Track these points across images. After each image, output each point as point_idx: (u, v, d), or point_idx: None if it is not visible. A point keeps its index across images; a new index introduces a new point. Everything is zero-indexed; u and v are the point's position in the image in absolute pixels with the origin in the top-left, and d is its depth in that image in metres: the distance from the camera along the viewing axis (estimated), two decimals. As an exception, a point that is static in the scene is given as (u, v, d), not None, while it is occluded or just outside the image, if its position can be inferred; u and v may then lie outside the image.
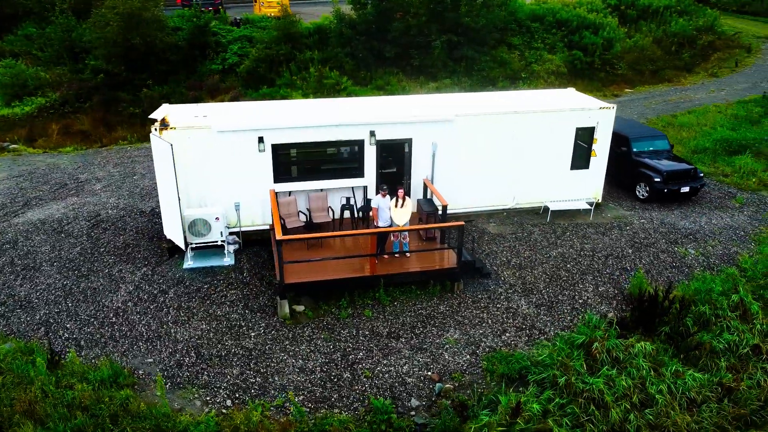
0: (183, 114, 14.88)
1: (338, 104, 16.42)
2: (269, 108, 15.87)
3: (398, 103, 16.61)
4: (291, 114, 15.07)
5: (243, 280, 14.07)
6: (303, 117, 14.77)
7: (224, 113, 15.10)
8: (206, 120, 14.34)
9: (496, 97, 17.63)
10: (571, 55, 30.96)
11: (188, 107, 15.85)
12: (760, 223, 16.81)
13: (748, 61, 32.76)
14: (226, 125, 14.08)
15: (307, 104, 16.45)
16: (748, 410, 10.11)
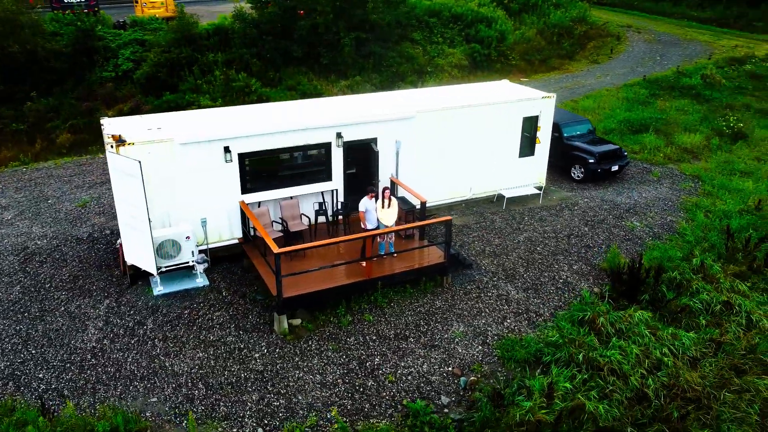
0: (131, 128, 13.57)
1: (295, 108, 15.85)
2: (225, 115, 14.94)
3: (353, 104, 16.36)
4: (254, 121, 14.33)
5: (224, 300, 13.21)
6: (268, 123, 14.11)
7: (179, 124, 13.99)
8: (164, 132, 13.22)
9: (439, 93, 17.96)
10: (470, 48, 32.30)
11: (130, 120, 14.48)
12: (681, 192, 18.78)
13: (620, 48, 36.20)
14: (189, 137, 13.08)
15: (262, 110, 15.69)
16: (736, 358, 11.34)
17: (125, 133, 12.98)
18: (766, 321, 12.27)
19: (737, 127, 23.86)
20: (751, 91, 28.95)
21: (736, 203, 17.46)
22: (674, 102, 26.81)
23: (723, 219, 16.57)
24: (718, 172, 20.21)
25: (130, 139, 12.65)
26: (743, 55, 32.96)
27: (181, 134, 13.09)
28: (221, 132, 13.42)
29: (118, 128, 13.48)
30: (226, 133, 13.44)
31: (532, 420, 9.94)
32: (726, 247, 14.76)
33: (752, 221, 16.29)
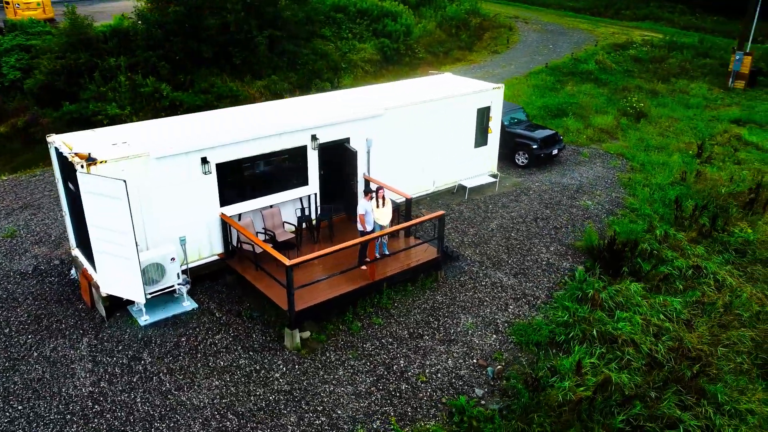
0: (89, 144, 12.18)
1: (255, 112, 15.02)
2: (185, 124, 13.83)
3: (315, 105, 15.83)
4: (225, 128, 13.42)
5: (220, 321, 12.33)
6: (245, 129, 13.29)
7: (143, 137, 12.77)
8: (137, 147, 12.02)
9: (387, 90, 17.75)
10: (379, 42, 32.49)
11: (82, 135, 12.95)
12: (614, 170, 20.30)
13: (515, 39, 38.22)
14: (165, 150, 12.00)
15: (219, 116, 14.69)
16: (719, 316, 12.57)
17: (89, 150, 11.62)
18: (731, 279, 13.69)
19: (639, 107, 26.20)
20: (638, 74, 31.90)
21: (666, 176, 19.21)
22: (579, 87, 28.83)
23: (658, 191, 18.17)
24: (637, 149, 22.09)
25: (101, 156, 11.36)
26: (624, 41, 36.18)
27: (156, 148, 11.98)
28: (198, 142, 12.45)
29: (74, 145, 12.04)
30: (204, 143, 12.49)
31: (573, 398, 10.37)
32: (675, 216, 16.22)
33: (684, 191, 18.02)
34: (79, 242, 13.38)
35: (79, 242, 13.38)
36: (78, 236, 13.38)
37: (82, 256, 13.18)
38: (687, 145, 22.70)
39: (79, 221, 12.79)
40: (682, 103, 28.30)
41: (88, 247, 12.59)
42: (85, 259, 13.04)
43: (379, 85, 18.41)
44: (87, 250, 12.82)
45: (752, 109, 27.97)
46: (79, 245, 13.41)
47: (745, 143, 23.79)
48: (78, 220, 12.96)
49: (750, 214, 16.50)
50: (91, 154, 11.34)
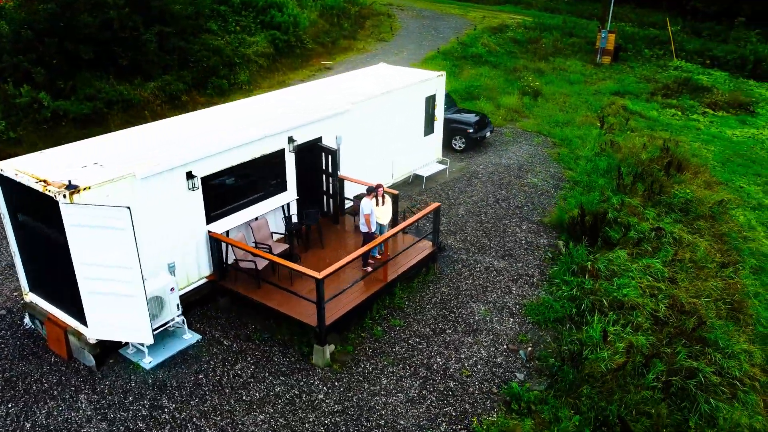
0: (55, 168, 10.36)
1: (213, 117, 13.71)
2: (143, 137, 12.24)
3: (267, 107, 14.80)
4: (201, 136, 12.11)
5: (232, 349, 11.24)
6: (226, 137, 12.08)
7: (111, 154, 11.12)
8: (117, 167, 10.42)
9: (330, 86, 17.04)
10: (270, 35, 31.17)
11: (37, 158, 10.93)
12: (540, 146, 21.50)
13: (397, 26, 38.69)
14: (152, 168, 10.55)
15: (176, 125, 13.19)
16: (691, 271, 13.93)
17: (66, 177, 9.88)
18: (687, 236, 15.21)
19: (534, 86, 27.93)
20: (520, 54, 33.94)
21: (589, 148, 20.74)
22: (476, 70, 30.01)
23: (588, 163, 19.60)
24: (549, 126, 23.58)
25: (83, 183, 9.70)
26: (498, 24, 38.22)
27: (141, 167, 10.48)
28: (183, 156, 11.10)
29: (30, 170, 10.16)
30: (188, 155, 11.16)
31: (613, 366, 10.94)
32: (617, 184, 17.60)
33: (611, 161, 19.60)
34: (37, 285, 11.40)
35: (37, 285, 11.40)
36: (34, 278, 11.39)
37: (45, 301, 11.25)
38: (587, 118, 24.69)
39: (37, 260, 10.94)
40: (564, 79, 30.63)
41: (56, 290, 10.85)
42: (50, 304, 11.15)
43: (316, 82, 17.55)
44: (54, 293, 11.02)
45: (623, 81, 31.08)
46: (37, 288, 11.42)
47: (631, 113, 26.41)
48: (35, 259, 11.06)
49: (675, 175, 18.41)
50: (71, 181, 9.63)
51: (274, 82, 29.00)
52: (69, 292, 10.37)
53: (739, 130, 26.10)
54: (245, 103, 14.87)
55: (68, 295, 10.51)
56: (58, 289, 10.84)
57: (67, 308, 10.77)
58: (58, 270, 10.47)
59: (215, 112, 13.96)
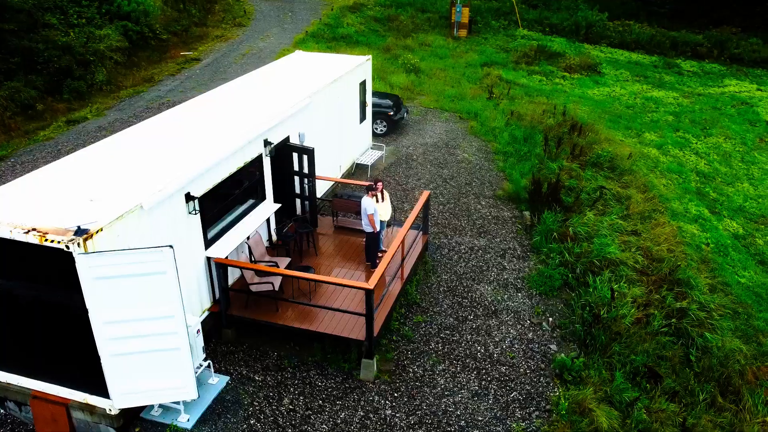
0: (41, 213, 8.26)
1: (168, 126, 11.88)
2: (105, 158, 10.24)
3: (229, 108, 13.21)
4: (184, 150, 10.42)
5: (267, 383, 10.07)
6: (213, 148, 10.53)
7: (89, 185, 9.14)
8: (126, 201, 8.59)
9: (260, 81, 15.58)
10: (121, 26, 27.66)
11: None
12: (452, 122, 21.98)
13: (250, 9, 36.56)
14: (156, 196, 8.88)
15: (133, 139, 11.20)
16: (647, 222, 15.37)
17: (71, 223, 7.93)
18: (623, 191, 16.70)
19: (414, 63, 28.39)
20: (383, 32, 34.15)
21: (500, 120, 21.68)
22: (354, 51, 29.60)
23: (503, 133, 20.53)
24: (446, 101, 24.19)
25: (91, 226, 7.85)
26: (353, 2, 37.92)
27: (146, 196, 8.75)
28: (181, 176, 9.49)
29: (7, 220, 8.02)
30: (186, 175, 9.57)
31: (632, 319, 11.76)
32: (545, 150, 18.69)
33: (526, 130, 20.70)
34: (12, 361, 9.12)
35: (12, 361, 9.12)
36: (7, 353, 9.08)
37: (27, 377, 9.05)
38: (474, 90, 25.77)
39: (14, 331, 8.79)
40: (433, 54, 31.54)
41: (51, 361, 8.86)
42: (37, 381, 9.00)
43: (242, 78, 15.85)
44: (46, 366, 8.97)
45: (485, 53, 32.85)
46: (11, 365, 9.14)
47: (506, 82, 28.08)
48: (10, 330, 8.85)
49: (582, 136, 20.02)
50: (80, 227, 7.74)
51: (138, 79, 25.97)
52: (75, 360, 8.47)
53: (597, 90, 29.13)
54: (190, 109, 13.07)
55: (74, 364, 8.57)
56: (53, 360, 8.76)
57: (71, 380, 8.76)
58: (55, 337, 8.45)
59: (165, 121, 12.09)
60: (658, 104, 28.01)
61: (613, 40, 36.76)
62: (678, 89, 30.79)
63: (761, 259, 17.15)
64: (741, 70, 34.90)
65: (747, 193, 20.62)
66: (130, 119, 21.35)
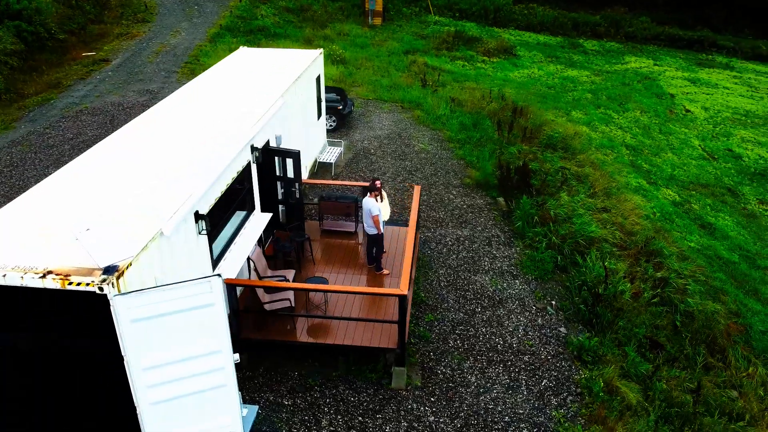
0: (41, 250, 7.11)
1: (143, 136, 10.70)
2: (91, 176, 9.04)
3: (203, 113, 12.10)
4: (180, 163, 9.41)
5: (299, 406, 9.47)
6: (212, 161, 9.59)
7: (81, 214, 8.01)
8: (145, 227, 7.57)
9: (219, 84, 14.52)
10: (14, 27, 24.74)
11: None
12: (397, 111, 21.75)
13: (151, 3, 33.96)
14: (174, 219, 7.94)
15: (114, 151, 9.94)
16: (611, 197, 16.05)
17: (88, 258, 6.87)
18: (579, 170, 17.31)
19: (339, 54, 27.83)
20: (299, 23, 33.15)
21: (443, 108, 21.73)
22: (277, 44, 28.48)
23: (452, 121, 20.63)
24: (383, 91, 23.93)
25: (113, 260, 6.86)
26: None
27: (165, 222, 7.80)
28: (191, 193, 8.56)
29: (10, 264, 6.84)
30: (194, 193, 8.65)
31: (630, 294, 12.24)
32: (498, 134, 18.97)
33: (473, 117, 20.89)
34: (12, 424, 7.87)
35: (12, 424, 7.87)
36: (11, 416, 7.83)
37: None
38: (406, 79, 25.71)
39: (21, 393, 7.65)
40: (354, 44, 31.07)
41: (68, 419, 7.79)
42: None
43: (199, 81, 14.51)
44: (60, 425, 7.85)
45: (403, 40, 32.84)
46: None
47: (433, 68, 28.25)
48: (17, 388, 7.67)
49: (526, 120, 20.56)
50: (109, 266, 6.73)
51: (43, 85, 23.43)
52: (99, 416, 7.44)
53: (517, 72, 30.08)
54: (162, 117, 11.81)
55: (97, 422, 7.52)
56: (70, 420, 7.65)
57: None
58: (73, 392, 7.38)
59: (142, 131, 10.86)
60: (576, 83, 29.40)
61: (520, 23, 38.09)
62: (588, 68, 32.50)
63: (701, 223, 18.52)
64: (636, 47, 37.47)
65: (673, 162, 22.18)
66: (47, 131, 19.23)
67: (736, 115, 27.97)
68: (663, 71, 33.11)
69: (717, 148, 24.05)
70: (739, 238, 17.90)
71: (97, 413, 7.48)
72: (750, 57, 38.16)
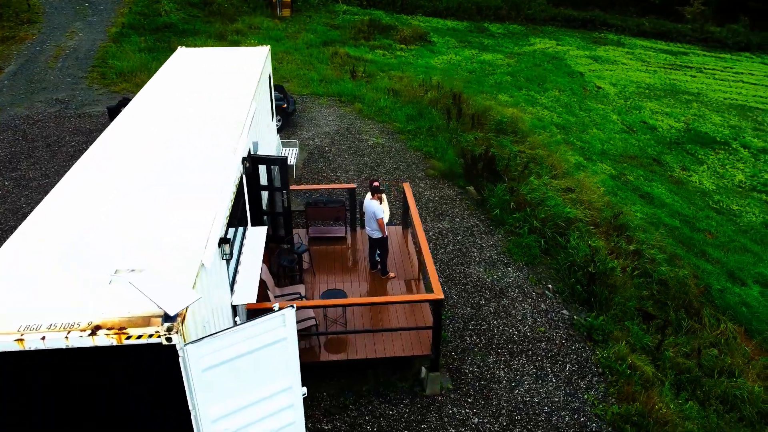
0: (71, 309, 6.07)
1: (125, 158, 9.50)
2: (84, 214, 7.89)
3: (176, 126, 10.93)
4: (193, 184, 8.44)
5: (339, 429, 8.95)
6: (216, 177, 8.71)
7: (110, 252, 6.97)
8: (186, 260, 6.68)
9: (171, 92, 13.27)
10: None
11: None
12: (335, 107, 21.16)
13: (33, 2, 30.55)
14: (209, 251, 7.11)
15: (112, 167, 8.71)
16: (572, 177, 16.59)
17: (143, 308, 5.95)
18: (532, 152, 17.76)
19: (259, 49, 26.62)
20: (205, 18, 31.31)
21: (384, 100, 21.40)
22: (190, 41, 26.71)
23: (395, 112, 20.41)
24: (317, 86, 23.22)
25: (182, 305, 6.01)
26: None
27: (203, 252, 6.95)
28: (215, 219, 7.72)
29: (45, 323, 5.80)
30: (217, 215, 7.82)
31: (620, 268, 12.73)
32: (447, 123, 18.98)
33: (416, 106, 20.76)
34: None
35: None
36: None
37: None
38: (334, 72, 25.13)
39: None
40: (268, 37, 29.88)
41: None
42: None
43: (151, 90, 13.31)
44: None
45: (317, 32, 32.05)
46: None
47: (355, 59, 27.83)
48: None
49: (468, 107, 20.76)
50: (170, 322, 5.86)
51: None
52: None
53: (437, 59, 30.35)
54: (139, 133, 10.58)
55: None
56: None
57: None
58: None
59: (125, 151, 9.63)
60: (493, 67, 30.17)
61: (426, 9, 38.43)
62: (499, 51, 33.46)
63: (640, 194, 19.70)
64: (537, 28, 39.11)
65: (600, 137, 23.39)
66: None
67: (640, 89, 30.04)
68: (566, 51, 34.82)
69: (633, 121, 25.68)
70: (675, 205, 19.23)
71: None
72: (636, 33, 41.11)
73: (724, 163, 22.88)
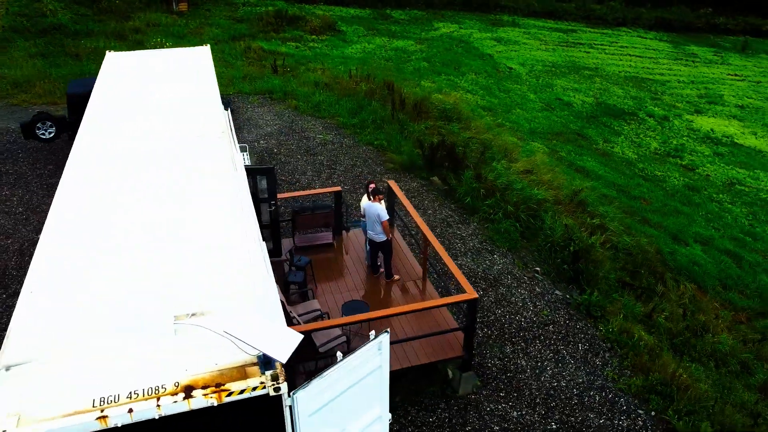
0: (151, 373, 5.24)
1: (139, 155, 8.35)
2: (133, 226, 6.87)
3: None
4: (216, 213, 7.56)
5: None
6: (232, 192, 7.89)
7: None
8: (255, 295, 5.95)
9: (142, 103, 11.87)
10: None
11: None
12: (271, 105, 20.19)
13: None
14: (270, 280, 6.45)
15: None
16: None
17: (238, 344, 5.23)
18: (479, 137, 18.00)
19: (169, 47, 24.82)
20: (96, 16, 28.69)
21: (319, 95, 20.71)
22: (84, 43, 24.32)
23: (339, 107, 19.86)
24: (239, 84, 22.05)
25: (289, 351, 5.36)
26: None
27: (267, 282, 6.28)
28: (256, 237, 7.02)
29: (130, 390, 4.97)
30: (254, 234, 7.12)
31: (599, 243, 13.25)
32: (393, 114, 18.73)
33: (359, 100, 20.25)
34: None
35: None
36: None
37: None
38: (253, 68, 24.02)
39: None
40: (171, 35, 27.97)
41: None
42: None
43: (105, 106, 11.74)
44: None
45: (221, 26, 30.43)
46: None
47: (270, 53, 26.75)
48: None
49: (407, 96, 20.64)
50: (280, 361, 5.19)
51: None
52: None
53: (351, 48, 29.90)
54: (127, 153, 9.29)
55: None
56: None
57: None
58: None
59: (121, 162, 8.45)
60: (408, 53, 30.23)
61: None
62: (408, 37, 33.57)
63: (575, 168, 20.64)
64: (438, 13, 39.67)
65: (525, 117, 24.22)
66: None
67: (546, 67, 31.42)
68: (470, 33, 35.65)
69: (550, 99, 26.83)
70: (608, 176, 20.34)
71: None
72: (527, 14, 42.90)
73: (638, 133, 24.54)
